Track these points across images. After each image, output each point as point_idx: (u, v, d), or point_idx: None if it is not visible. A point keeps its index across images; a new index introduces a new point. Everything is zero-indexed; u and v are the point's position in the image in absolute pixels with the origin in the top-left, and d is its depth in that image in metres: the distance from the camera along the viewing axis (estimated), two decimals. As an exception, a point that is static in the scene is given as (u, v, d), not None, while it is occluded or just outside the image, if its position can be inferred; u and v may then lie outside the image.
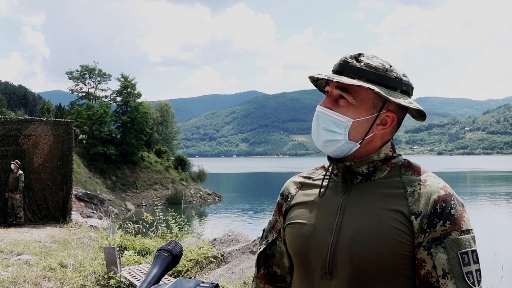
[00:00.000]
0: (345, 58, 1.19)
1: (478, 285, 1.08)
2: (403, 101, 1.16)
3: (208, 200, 38.87)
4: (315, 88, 1.32)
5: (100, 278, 5.97)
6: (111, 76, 43.43)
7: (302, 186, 1.32)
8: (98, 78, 43.04)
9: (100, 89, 43.43)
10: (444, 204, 1.10)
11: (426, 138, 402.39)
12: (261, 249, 1.37)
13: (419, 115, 1.21)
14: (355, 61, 1.17)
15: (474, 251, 1.09)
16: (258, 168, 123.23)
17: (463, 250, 1.08)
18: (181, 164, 42.98)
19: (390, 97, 1.14)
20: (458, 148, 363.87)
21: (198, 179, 43.08)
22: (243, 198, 42.86)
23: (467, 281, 1.06)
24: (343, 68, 1.18)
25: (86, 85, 43.03)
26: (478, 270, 1.09)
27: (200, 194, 39.30)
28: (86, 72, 42.45)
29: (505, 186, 51.25)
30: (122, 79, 41.43)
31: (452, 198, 1.12)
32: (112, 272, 5.88)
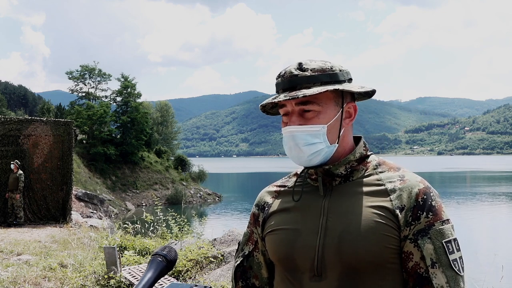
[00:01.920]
0: (291, 72, 1.19)
1: (463, 272, 1.13)
2: (357, 88, 1.21)
3: (208, 200, 38.86)
4: None
5: (100, 278, 5.96)
6: (111, 76, 43.42)
7: (278, 194, 1.33)
8: (98, 78, 43.04)
9: (100, 89, 43.45)
10: (425, 197, 1.15)
11: (426, 138, 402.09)
12: (238, 262, 1.37)
13: (365, 94, 1.28)
14: (301, 72, 1.18)
15: (455, 239, 1.15)
16: (258, 168, 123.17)
17: (447, 239, 1.12)
18: (181, 164, 42.98)
19: (349, 89, 1.19)
20: (458, 148, 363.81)
21: (198, 179, 43.06)
22: (243, 198, 42.83)
23: (454, 268, 1.11)
24: (294, 83, 1.18)
25: (86, 85, 43.03)
26: (461, 257, 1.14)
27: (200, 194, 39.28)
28: (86, 72, 42.43)
29: (505, 186, 51.20)
30: (122, 79, 41.40)
31: (430, 191, 1.17)
32: (112, 272, 5.87)
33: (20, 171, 11.34)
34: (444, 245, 1.12)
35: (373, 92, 1.26)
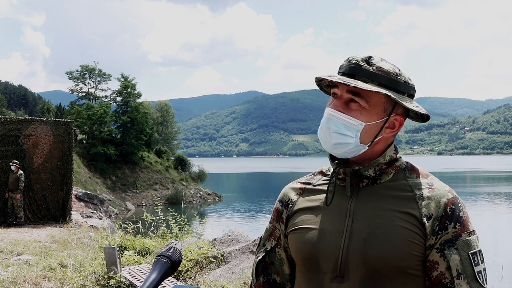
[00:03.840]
0: (357, 60, 1.18)
1: (486, 284, 1.14)
2: (412, 105, 1.18)
3: (208, 200, 38.87)
4: (316, 88, 1.31)
5: (100, 278, 5.96)
6: (111, 76, 43.49)
7: (303, 192, 1.31)
8: (98, 78, 43.10)
9: (100, 89, 43.52)
10: (453, 207, 1.14)
11: (426, 138, 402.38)
12: (259, 257, 1.36)
13: (420, 117, 1.24)
14: (367, 65, 1.17)
15: (480, 251, 1.15)
16: (258, 168, 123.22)
17: (473, 251, 1.12)
18: (181, 164, 42.99)
19: (403, 102, 1.16)
20: (458, 148, 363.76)
21: (198, 179, 43.07)
22: (243, 198, 42.86)
23: (478, 280, 1.11)
24: (355, 71, 1.17)
25: (86, 85, 43.10)
26: (485, 269, 1.15)
27: (200, 194, 39.29)
28: (86, 72, 42.47)
29: (505, 186, 51.23)
30: (122, 79, 41.43)
31: (458, 201, 1.16)
32: (112, 272, 5.87)
33: (21, 171, 11.34)
34: (470, 256, 1.11)
35: (427, 117, 1.23)
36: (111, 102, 41.56)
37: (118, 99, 41.81)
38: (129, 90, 41.03)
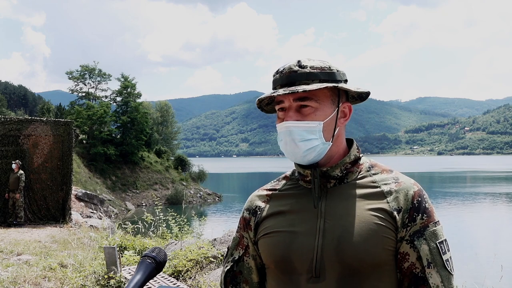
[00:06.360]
0: (290, 68, 1.20)
1: (453, 271, 1.18)
2: (354, 88, 1.23)
3: (208, 200, 38.87)
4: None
5: (100, 278, 5.96)
6: (111, 76, 43.44)
7: (270, 198, 1.31)
8: (98, 78, 43.04)
9: (100, 89, 43.47)
10: (419, 199, 1.18)
11: (426, 138, 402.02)
12: (227, 267, 1.35)
13: (359, 98, 1.30)
14: (301, 68, 1.19)
15: (446, 240, 1.19)
16: (258, 168, 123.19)
17: (440, 240, 1.17)
18: (181, 164, 42.98)
19: (348, 87, 1.21)
20: (458, 148, 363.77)
21: (198, 179, 43.06)
22: (243, 198, 42.84)
23: (447, 268, 1.15)
24: (293, 78, 1.19)
25: (86, 85, 43.05)
26: (451, 257, 1.20)
27: (200, 194, 39.29)
28: (86, 72, 42.43)
29: (505, 186, 51.20)
30: (122, 79, 41.41)
31: (423, 193, 1.21)
32: (112, 272, 5.88)
33: (21, 171, 11.34)
34: (438, 245, 1.15)
35: (367, 95, 1.28)
36: (111, 102, 41.53)
37: (118, 99, 41.79)
38: (129, 90, 41.02)
